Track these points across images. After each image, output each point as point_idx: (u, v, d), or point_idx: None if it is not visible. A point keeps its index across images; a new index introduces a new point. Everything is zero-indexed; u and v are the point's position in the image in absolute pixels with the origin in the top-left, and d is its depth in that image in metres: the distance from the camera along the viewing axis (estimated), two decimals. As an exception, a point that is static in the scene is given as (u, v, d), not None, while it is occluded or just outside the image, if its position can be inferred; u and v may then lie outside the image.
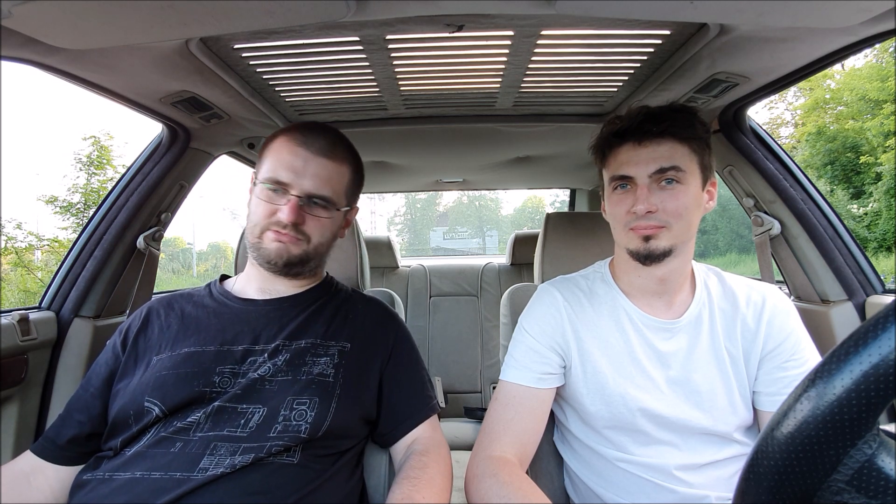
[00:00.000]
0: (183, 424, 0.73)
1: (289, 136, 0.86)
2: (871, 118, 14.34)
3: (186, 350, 0.81)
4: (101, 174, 10.44)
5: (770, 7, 0.74)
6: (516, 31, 0.91)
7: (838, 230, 1.29)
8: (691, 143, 0.81)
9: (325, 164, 0.85)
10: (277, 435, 0.73)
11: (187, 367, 0.78)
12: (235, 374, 0.78)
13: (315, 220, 0.85)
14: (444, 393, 2.34)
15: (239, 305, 0.89)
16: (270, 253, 0.84)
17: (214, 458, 0.69)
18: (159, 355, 0.81)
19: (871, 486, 0.32)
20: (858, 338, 0.32)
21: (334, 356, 0.85)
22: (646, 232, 0.81)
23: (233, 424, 0.73)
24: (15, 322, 1.17)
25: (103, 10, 0.71)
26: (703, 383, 0.84)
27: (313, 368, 0.82)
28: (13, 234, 9.19)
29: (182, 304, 0.90)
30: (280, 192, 0.83)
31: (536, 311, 0.93)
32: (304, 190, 0.83)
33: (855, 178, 14.89)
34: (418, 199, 38.30)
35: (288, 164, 0.83)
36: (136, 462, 0.70)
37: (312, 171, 0.84)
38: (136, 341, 0.85)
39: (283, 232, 0.83)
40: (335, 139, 0.88)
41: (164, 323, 0.87)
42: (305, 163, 0.83)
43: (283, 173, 0.82)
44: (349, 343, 0.88)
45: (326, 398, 0.79)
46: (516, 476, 0.78)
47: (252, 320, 0.86)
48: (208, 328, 0.85)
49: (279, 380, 0.79)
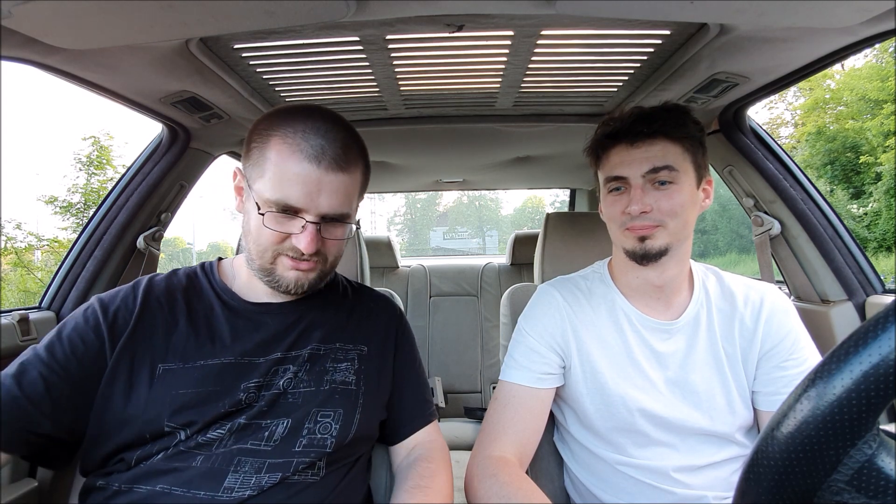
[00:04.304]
0: (205, 440, 0.68)
1: (291, 141, 0.70)
2: (871, 118, 14.35)
3: (204, 363, 0.72)
4: (101, 174, 10.46)
5: (770, 7, 0.74)
6: (516, 31, 0.91)
7: (838, 230, 1.29)
8: (684, 142, 0.81)
9: (340, 179, 0.72)
10: (302, 450, 0.71)
11: (210, 385, 0.71)
12: (260, 388, 0.73)
13: (332, 240, 0.76)
14: (444, 393, 2.34)
15: (253, 309, 0.80)
16: (288, 283, 0.75)
17: (239, 476, 0.67)
18: (167, 364, 0.72)
19: (871, 486, 0.32)
20: (858, 338, 0.32)
21: (354, 361, 0.81)
22: (641, 232, 0.81)
23: (256, 438, 0.70)
24: (15, 322, 1.17)
25: (103, 10, 0.71)
26: (701, 384, 0.84)
27: (335, 375, 0.78)
28: (13, 234, 9.21)
29: (186, 297, 0.79)
30: (290, 215, 0.71)
31: (536, 311, 0.93)
32: (319, 212, 0.71)
33: (855, 178, 14.90)
34: (418, 199, 38.31)
35: (298, 184, 0.69)
36: (155, 476, 0.66)
37: (328, 189, 0.71)
38: (135, 335, 0.72)
39: (300, 261, 0.74)
40: (347, 141, 0.73)
41: (168, 319, 0.75)
42: (319, 182, 0.70)
43: (294, 196, 0.69)
44: (366, 346, 0.84)
45: (350, 408, 0.77)
46: (516, 476, 0.78)
47: (270, 327, 0.79)
48: (223, 336, 0.76)
49: (302, 391, 0.75)
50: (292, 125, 0.71)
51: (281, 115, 0.73)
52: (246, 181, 0.75)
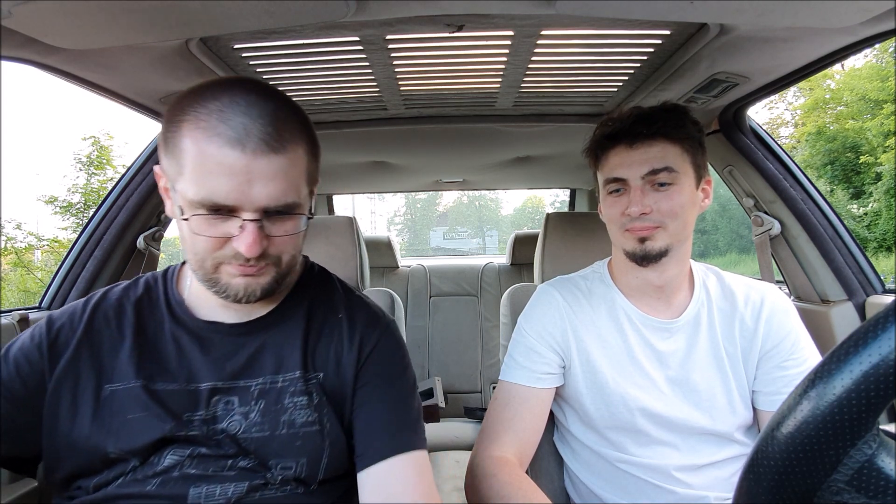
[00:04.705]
0: (162, 467, 0.63)
1: (205, 124, 0.56)
2: (871, 118, 14.34)
3: (147, 385, 0.65)
4: (101, 174, 10.45)
5: (770, 7, 0.74)
6: (516, 31, 0.91)
7: (838, 230, 1.29)
8: (683, 143, 0.81)
9: (276, 162, 0.58)
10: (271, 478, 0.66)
11: (154, 409, 0.64)
12: (206, 421, 0.65)
13: (281, 237, 0.63)
14: (444, 393, 2.34)
15: (202, 327, 0.70)
16: (237, 291, 0.63)
17: (201, 490, 0.63)
18: (114, 385, 0.65)
19: (871, 486, 0.32)
20: (858, 338, 0.32)
21: (313, 394, 0.69)
22: (641, 233, 0.81)
23: (218, 466, 0.64)
24: (15, 322, 1.17)
25: (103, 10, 0.71)
26: (702, 383, 0.84)
27: (295, 416, 0.67)
28: (13, 234, 9.21)
29: (137, 310, 0.70)
30: (224, 215, 0.59)
31: (536, 311, 0.93)
32: (257, 206, 0.58)
33: (855, 178, 14.89)
34: (418, 199, 38.31)
35: (222, 177, 0.56)
36: (116, 502, 0.63)
37: (262, 177, 0.57)
38: (78, 355, 0.65)
39: (246, 266, 0.61)
40: (278, 114, 0.59)
41: (115, 335, 0.67)
42: (248, 171, 0.56)
43: (222, 192, 0.56)
44: (322, 371, 0.71)
45: (315, 453, 0.67)
46: (516, 476, 0.78)
47: (218, 350, 0.69)
48: (168, 357, 0.68)
49: (254, 437, 0.65)
50: (205, 104, 0.57)
51: (193, 94, 0.59)
52: (169, 180, 0.62)
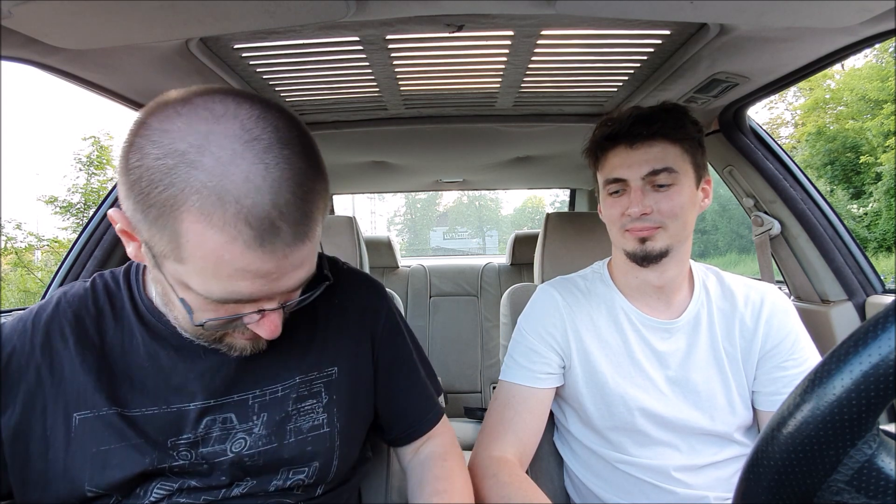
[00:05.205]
0: (147, 502, 0.58)
1: (219, 225, 0.44)
2: (871, 118, 14.34)
3: (121, 410, 0.57)
4: (101, 174, 10.45)
5: (770, 7, 0.74)
6: (516, 31, 0.91)
7: (838, 230, 1.29)
8: (683, 143, 0.81)
9: (303, 249, 0.49)
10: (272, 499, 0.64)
11: (132, 438, 0.57)
12: (195, 445, 0.59)
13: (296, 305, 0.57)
14: (445, 393, 2.34)
15: (180, 337, 0.60)
16: (243, 348, 0.59)
17: None
18: (82, 412, 0.57)
19: (871, 486, 0.32)
20: (858, 338, 0.32)
21: (321, 394, 0.65)
22: (641, 234, 0.81)
23: (210, 494, 0.60)
24: (15, 322, 1.17)
25: (103, 10, 0.71)
26: (702, 383, 0.84)
27: (301, 422, 0.64)
28: (13, 234, 9.21)
29: (98, 321, 0.61)
30: (240, 303, 0.52)
31: (535, 311, 0.93)
32: (282, 294, 0.53)
33: (855, 178, 14.89)
34: (418, 199, 38.32)
35: (246, 280, 0.48)
36: None
37: (289, 269, 0.50)
38: (39, 381, 0.57)
39: (257, 336, 0.58)
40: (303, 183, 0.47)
41: (76, 354, 0.58)
42: (279, 269, 0.48)
43: (242, 293, 0.49)
44: (336, 366, 0.68)
45: (326, 456, 0.65)
46: (516, 476, 0.78)
47: (201, 362, 0.61)
48: (143, 374, 0.59)
49: (261, 450, 0.61)
50: (214, 189, 0.43)
51: (186, 160, 0.44)
52: (146, 245, 0.49)
